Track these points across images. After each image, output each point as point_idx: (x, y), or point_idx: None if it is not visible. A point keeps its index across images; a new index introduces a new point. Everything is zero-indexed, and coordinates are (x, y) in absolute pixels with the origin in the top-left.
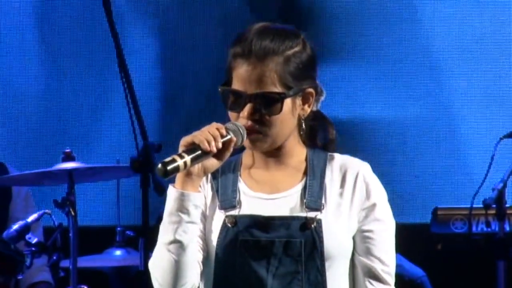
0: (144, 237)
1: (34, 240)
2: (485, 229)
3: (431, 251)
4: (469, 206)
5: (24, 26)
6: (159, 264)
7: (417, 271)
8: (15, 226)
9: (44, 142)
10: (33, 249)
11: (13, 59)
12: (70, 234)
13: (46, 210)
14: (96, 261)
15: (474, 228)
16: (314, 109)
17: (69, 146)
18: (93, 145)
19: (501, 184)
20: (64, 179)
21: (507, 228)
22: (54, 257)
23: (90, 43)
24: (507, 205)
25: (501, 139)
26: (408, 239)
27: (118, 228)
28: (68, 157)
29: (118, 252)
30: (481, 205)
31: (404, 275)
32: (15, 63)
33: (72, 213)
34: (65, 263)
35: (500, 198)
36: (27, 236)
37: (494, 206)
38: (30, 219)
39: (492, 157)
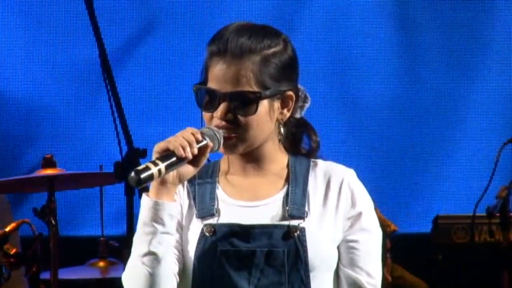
0: (128, 247)
1: (13, 251)
2: (488, 238)
3: (432, 262)
4: (471, 213)
5: None
6: (133, 277)
7: (419, 283)
8: None
9: (24, 147)
10: (11, 260)
11: None
12: (51, 245)
13: (25, 219)
14: (78, 272)
15: (476, 237)
16: (298, 116)
17: (50, 151)
18: (75, 150)
19: (505, 191)
20: (44, 186)
21: None
22: (34, 269)
23: (75, 48)
24: (511, 213)
25: (505, 144)
26: (409, 249)
27: (102, 238)
28: (49, 163)
29: (101, 264)
30: (484, 213)
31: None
32: None
33: (53, 222)
34: (45, 275)
35: (504, 205)
36: (5, 247)
37: (497, 214)
38: (8, 228)
39: (496, 162)
